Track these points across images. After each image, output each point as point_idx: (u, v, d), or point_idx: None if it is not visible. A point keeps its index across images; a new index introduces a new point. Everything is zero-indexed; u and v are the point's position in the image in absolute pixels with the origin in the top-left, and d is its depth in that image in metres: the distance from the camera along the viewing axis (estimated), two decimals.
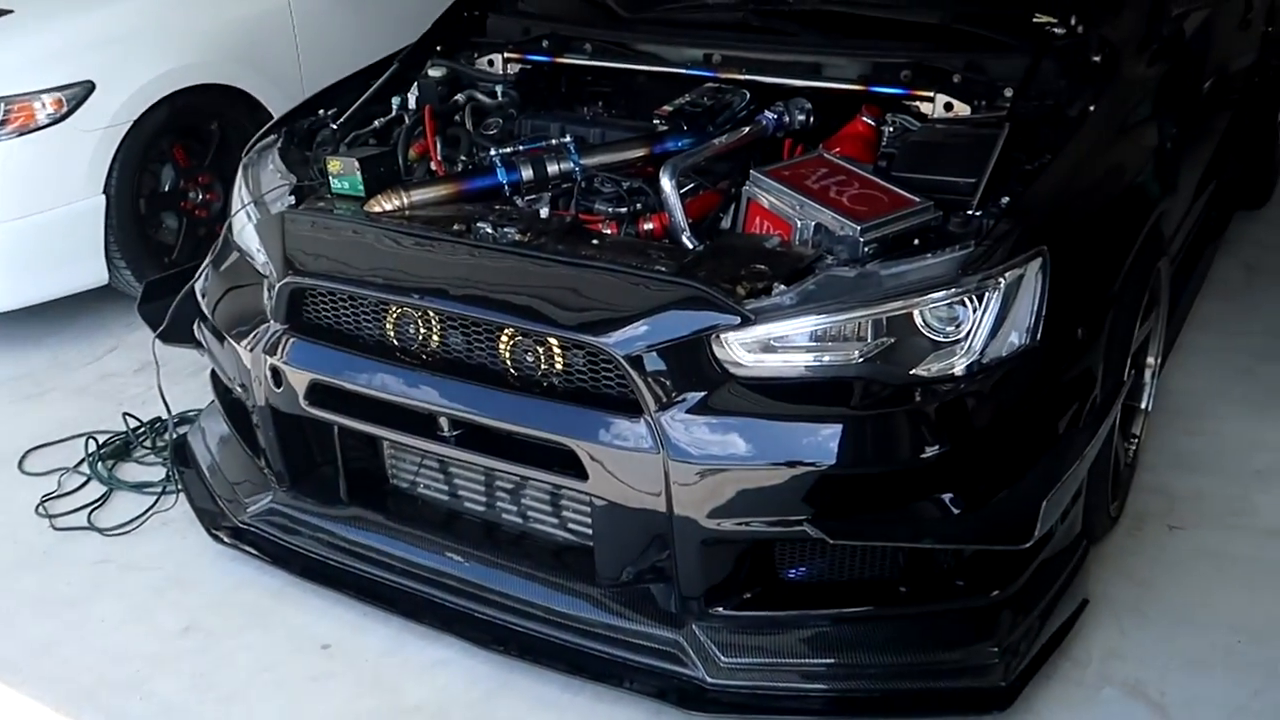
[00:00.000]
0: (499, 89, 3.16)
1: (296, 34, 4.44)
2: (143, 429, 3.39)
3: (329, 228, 2.60)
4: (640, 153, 2.72)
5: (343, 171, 2.66)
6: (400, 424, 2.51)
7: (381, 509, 2.70)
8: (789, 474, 2.17)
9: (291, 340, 2.58)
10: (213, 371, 3.05)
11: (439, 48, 3.28)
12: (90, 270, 3.95)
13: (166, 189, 4.13)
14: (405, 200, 2.59)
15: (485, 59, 3.31)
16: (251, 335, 2.65)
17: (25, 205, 3.76)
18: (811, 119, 2.79)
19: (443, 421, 2.46)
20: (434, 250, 2.48)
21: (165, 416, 3.24)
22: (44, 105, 3.76)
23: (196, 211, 4.24)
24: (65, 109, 3.78)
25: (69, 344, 3.98)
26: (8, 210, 3.73)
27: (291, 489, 2.76)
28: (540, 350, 2.33)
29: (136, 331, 3.98)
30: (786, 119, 2.79)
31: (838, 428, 2.16)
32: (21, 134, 3.72)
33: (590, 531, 2.42)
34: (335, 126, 3.05)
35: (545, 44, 3.18)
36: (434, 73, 3.22)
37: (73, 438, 3.39)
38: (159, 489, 3.13)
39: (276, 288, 2.57)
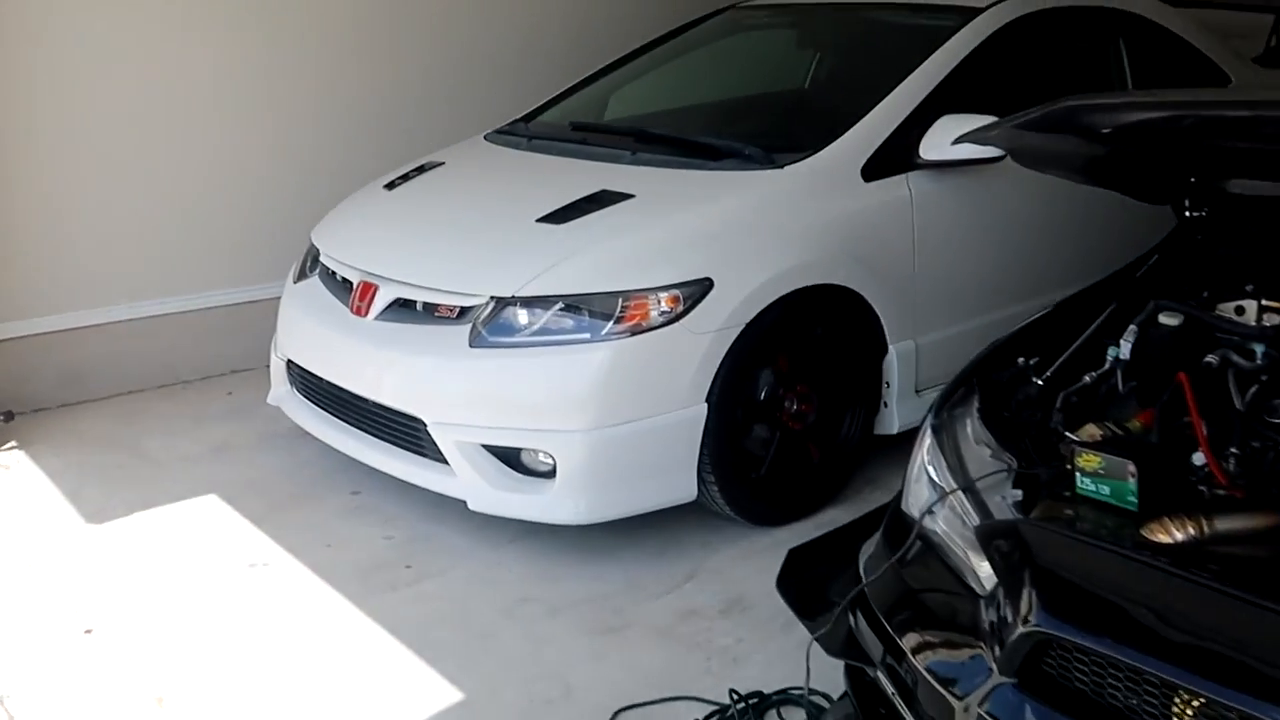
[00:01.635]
0: (1258, 349, 2.39)
1: (915, 229, 3.90)
2: (742, 705, 2.85)
3: (1092, 556, 1.91)
4: None
5: (1106, 473, 1.98)
6: None
7: None
8: None
9: (1023, 703, 1.90)
10: (849, 666, 2.46)
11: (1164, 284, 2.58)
12: (681, 484, 3.53)
13: (762, 397, 3.67)
14: (1204, 530, 1.86)
15: (1231, 305, 2.56)
16: (955, 671, 2.01)
17: (629, 410, 3.40)
18: None
19: None
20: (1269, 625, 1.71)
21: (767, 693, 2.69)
22: (659, 302, 3.42)
23: (791, 423, 3.75)
24: (681, 308, 3.42)
25: (645, 564, 3.57)
26: (611, 414, 3.38)
27: None
28: None
29: (715, 556, 3.55)
30: None
31: None
32: (634, 333, 3.39)
33: None
34: (1040, 382, 2.41)
35: None
36: (1167, 320, 2.51)
37: (665, 700, 2.92)
38: None
39: (1013, 637, 1.90)
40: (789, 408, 3.74)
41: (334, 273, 4.08)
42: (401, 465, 3.72)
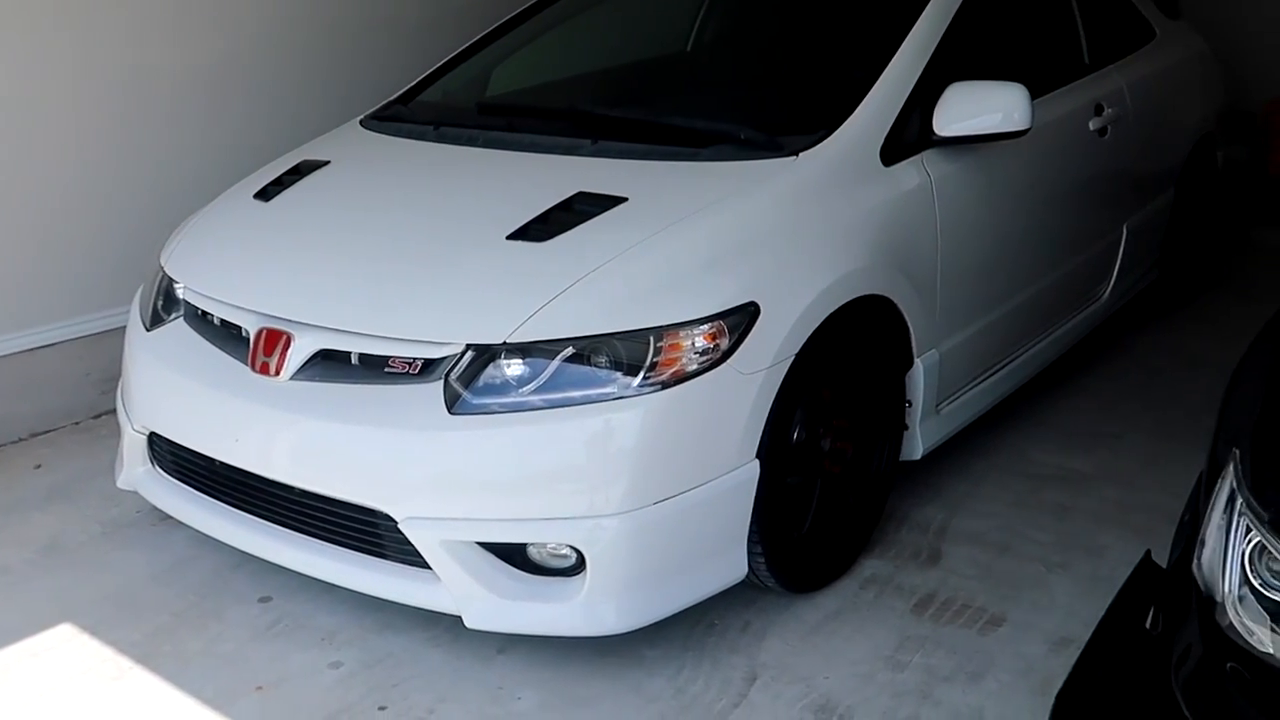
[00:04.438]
0: None
1: (939, 218, 3.28)
2: None
3: None
4: None
5: None
6: None
7: None
8: None
9: None
10: None
11: None
12: (732, 563, 2.80)
13: (796, 439, 2.97)
14: None
15: None
16: None
17: (672, 482, 2.63)
18: None
19: None
20: None
21: None
22: (696, 340, 2.66)
23: (831, 467, 3.08)
24: (726, 343, 2.67)
25: (683, 665, 2.82)
26: (651, 490, 2.61)
27: None
28: None
29: (765, 644, 2.91)
30: None
31: None
32: (673, 382, 2.61)
33: None
34: None
35: None
36: None
37: None
38: None
39: None
40: (825, 448, 3.06)
41: (209, 315, 3.09)
42: (352, 572, 2.81)
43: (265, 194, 3.39)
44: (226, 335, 3.02)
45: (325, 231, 3.17)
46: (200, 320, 3.13)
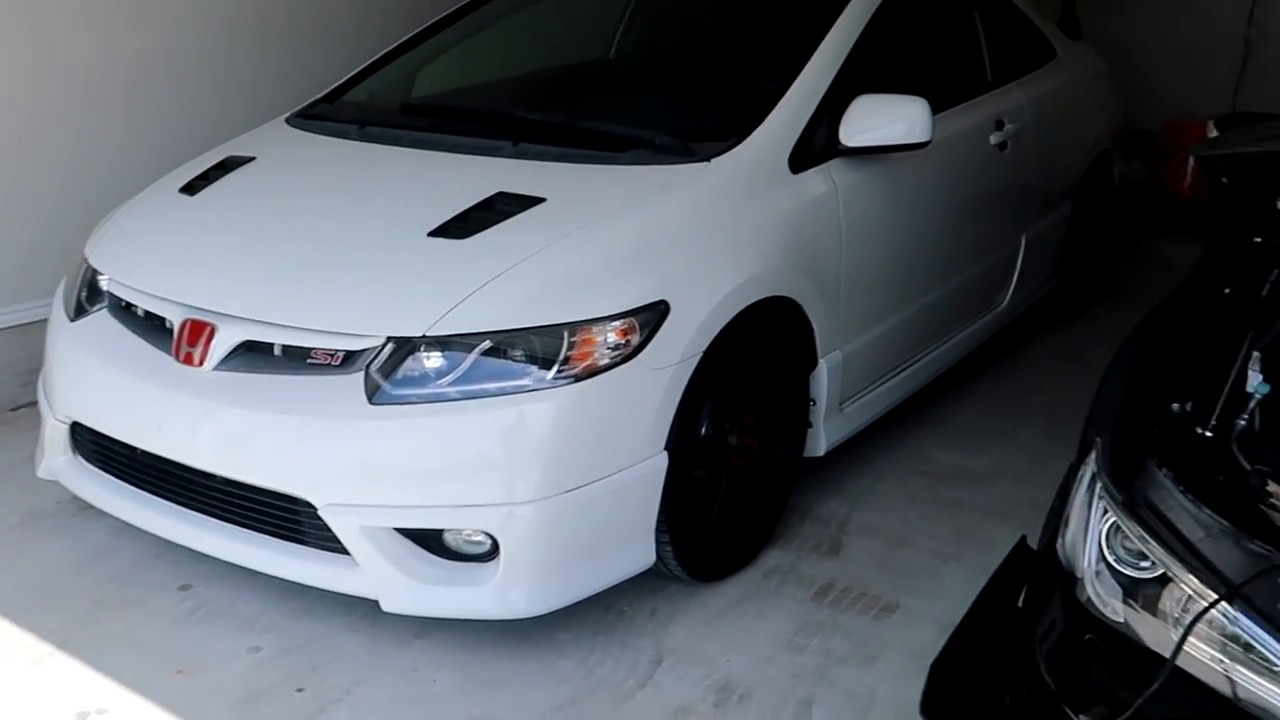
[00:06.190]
0: None
1: (843, 225, 3.44)
2: None
3: None
4: None
5: None
6: None
7: None
8: None
9: None
10: None
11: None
12: (641, 551, 2.93)
13: (703, 433, 3.11)
14: None
15: None
16: None
17: (584, 471, 2.75)
18: None
19: None
20: None
21: None
22: (608, 336, 2.78)
23: (736, 460, 3.22)
24: (637, 339, 2.80)
25: (594, 648, 2.94)
26: (564, 478, 2.73)
27: None
28: None
29: (671, 629, 3.03)
30: None
31: None
32: (586, 375, 2.73)
33: None
34: (1210, 433, 2.02)
35: None
36: None
37: None
38: None
39: None
40: (731, 443, 3.20)
41: (133, 306, 3.14)
42: (273, 558, 2.89)
43: (191, 188, 3.45)
44: (150, 326, 3.08)
45: (250, 226, 3.24)
46: (124, 312, 3.18)
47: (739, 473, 3.23)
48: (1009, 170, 4.34)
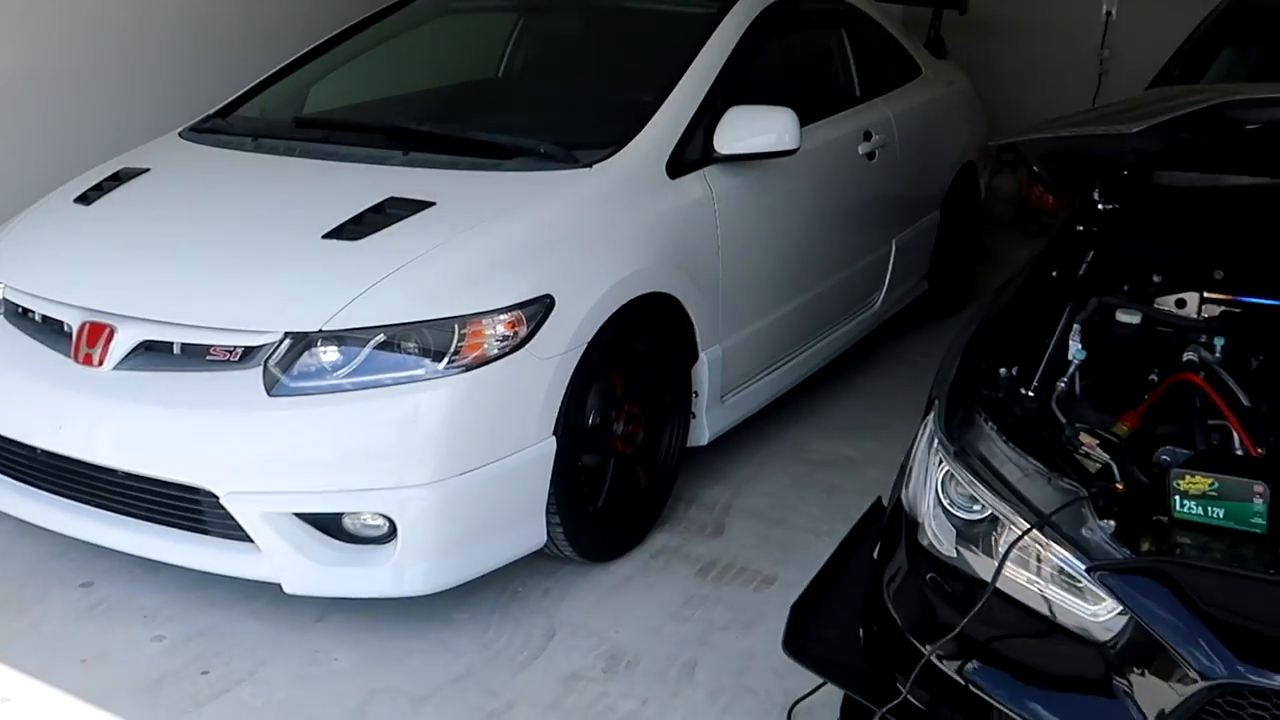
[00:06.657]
0: (1218, 342, 2.38)
1: (719, 227, 3.67)
2: None
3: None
4: None
5: (1220, 495, 1.84)
6: None
7: None
8: None
9: None
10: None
11: (1121, 285, 2.51)
12: (532, 531, 3.10)
13: (591, 421, 3.29)
14: None
15: (1170, 299, 2.54)
16: None
17: (476, 455, 2.91)
18: None
19: None
20: None
21: None
22: (497, 328, 2.95)
23: (622, 447, 3.41)
24: (524, 331, 2.98)
25: (490, 625, 3.10)
26: (456, 462, 2.88)
27: None
28: None
29: (564, 605, 3.18)
30: None
31: None
32: (475, 365, 2.90)
33: None
34: (1033, 393, 2.27)
35: None
36: (1126, 318, 2.44)
37: None
38: None
39: (1196, 689, 1.70)
40: (617, 431, 3.39)
41: (30, 312, 3.23)
42: (176, 548, 3.00)
43: (86, 198, 3.54)
44: (48, 330, 3.17)
45: (146, 232, 3.35)
46: (21, 317, 3.26)
47: (626, 459, 3.42)
48: (877, 179, 4.62)
